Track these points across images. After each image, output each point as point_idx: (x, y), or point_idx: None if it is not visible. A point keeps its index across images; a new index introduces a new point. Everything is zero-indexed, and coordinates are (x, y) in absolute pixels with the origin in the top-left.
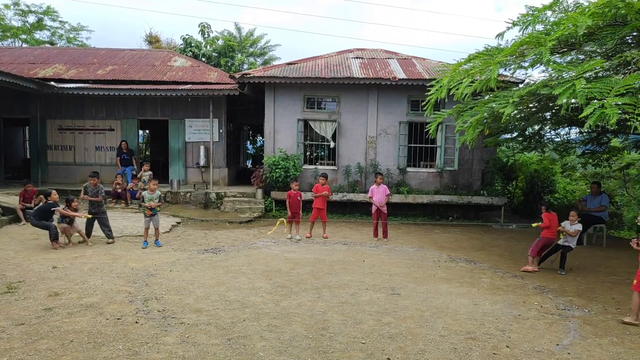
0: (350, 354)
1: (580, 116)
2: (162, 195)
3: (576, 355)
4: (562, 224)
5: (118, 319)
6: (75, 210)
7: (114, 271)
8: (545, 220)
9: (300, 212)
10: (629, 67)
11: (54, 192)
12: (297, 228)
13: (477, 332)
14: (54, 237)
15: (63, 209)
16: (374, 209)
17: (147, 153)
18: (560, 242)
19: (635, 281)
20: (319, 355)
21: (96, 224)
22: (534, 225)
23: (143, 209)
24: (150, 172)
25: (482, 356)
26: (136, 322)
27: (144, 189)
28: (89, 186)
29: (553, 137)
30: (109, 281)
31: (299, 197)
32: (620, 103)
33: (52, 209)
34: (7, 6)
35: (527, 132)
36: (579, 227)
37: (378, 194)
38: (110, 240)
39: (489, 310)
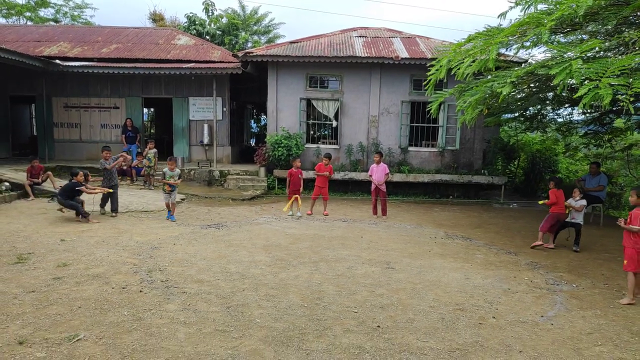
0: (342, 321)
1: (575, 96)
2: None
3: (559, 326)
4: (568, 201)
5: (123, 288)
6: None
7: (119, 244)
8: (551, 196)
9: (302, 189)
10: (628, 48)
11: (80, 172)
12: (298, 205)
13: (465, 304)
14: (84, 215)
15: (85, 187)
16: (373, 187)
17: (152, 131)
18: (567, 219)
19: (625, 261)
20: (313, 322)
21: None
22: (540, 202)
23: (163, 185)
24: (155, 150)
25: (468, 325)
26: (140, 291)
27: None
28: (103, 162)
29: (554, 117)
30: (115, 253)
31: (300, 175)
32: (614, 84)
33: (77, 188)
34: None
35: (527, 113)
36: (584, 202)
37: (377, 173)
38: (115, 214)
39: (480, 284)
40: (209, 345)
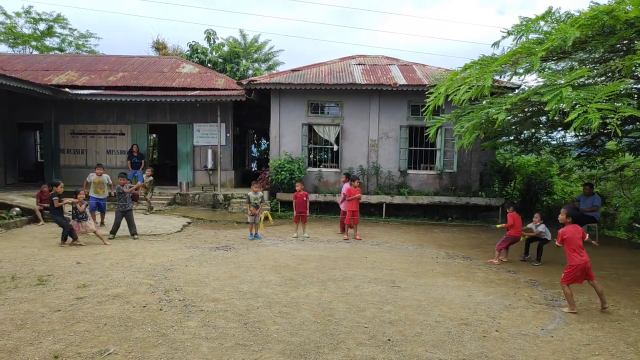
0: (354, 335)
1: (565, 120)
2: (172, 197)
3: (558, 338)
4: (528, 225)
5: (144, 306)
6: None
7: (133, 266)
8: (509, 219)
9: (307, 211)
10: (614, 76)
11: (61, 184)
12: (303, 227)
13: (469, 319)
14: (73, 237)
15: (59, 200)
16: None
17: (154, 156)
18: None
19: (563, 275)
20: (327, 337)
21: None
22: (497, 226)
23: (252, 204)
24: (151, 178)
25: (473, 338)
26: (160, 309)
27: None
28: (119, 187)
29: (548, 140)
30: (130, 275)
31: (305, 198)
32: (602, 109)
33: (53, 198)
34: (18, 14)
35: (522, 136)
36: (542, 227)
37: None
38: (135, 236)
39: (482, 300)
40: (232, 358)
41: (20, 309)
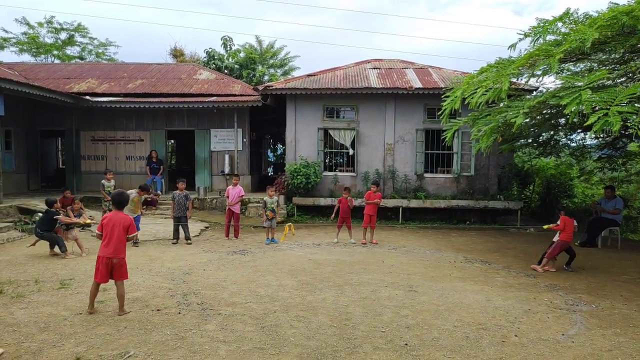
0: (371, 340)
1: (585, 124)
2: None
3: (580, 343)
4: (549, 225)
5: (161, 310)
6: (78, 214)
7: (152, 270)
8: (561, 222)
9: (350, 217)
10: (635, 77)
11: (57, 200)
12: (350, 233)
13: (488, 324)
14: (63, 249)
15: (65, 215)
16: (227, 208)
17: (172, 162)
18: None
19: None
20: (344, 341)
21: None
22: (545, 227)
23: (267, 210)
24: (113, 181)
25: (491, 343)
26: (179, 313)
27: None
28: (176, 193)
29: (567, 142)
30: (150, 279)
31: (349, 204)
32: (623, 111)
33: (55, 217)
34: (41, 24)
35: (540, 138)
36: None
37: (232, 194)
38: (189, 241)
39: (501, 305)
40: None
41: (43, 312)
